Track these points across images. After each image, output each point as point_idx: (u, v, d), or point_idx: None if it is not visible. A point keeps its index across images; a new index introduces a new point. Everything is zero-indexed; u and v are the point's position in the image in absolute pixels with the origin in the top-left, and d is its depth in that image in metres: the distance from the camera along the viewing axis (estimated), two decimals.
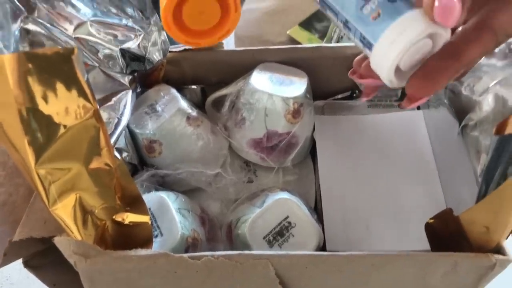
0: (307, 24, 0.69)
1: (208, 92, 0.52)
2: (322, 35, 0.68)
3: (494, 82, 0.41)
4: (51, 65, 0.30)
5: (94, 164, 0.34)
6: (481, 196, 0.34)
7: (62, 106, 0.31)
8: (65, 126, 0.32)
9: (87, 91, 0.32)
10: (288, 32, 0.69)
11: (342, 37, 0.66)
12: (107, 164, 0.35)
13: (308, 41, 0.67)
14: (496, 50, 0.41)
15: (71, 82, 0.31)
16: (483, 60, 0.43)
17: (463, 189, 0.43)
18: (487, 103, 0.41)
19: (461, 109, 0.45)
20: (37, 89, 0.30)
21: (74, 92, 0.31)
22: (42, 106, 0.31)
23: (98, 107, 0.32)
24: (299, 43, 0.67)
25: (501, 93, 0.40)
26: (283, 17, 0.70)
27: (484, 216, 0.34)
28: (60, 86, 0.31)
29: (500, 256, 0.35)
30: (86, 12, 0.45)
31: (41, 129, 0.31)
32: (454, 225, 0.36)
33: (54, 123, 0.31)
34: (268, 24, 0.69)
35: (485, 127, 0.41)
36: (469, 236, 0.35)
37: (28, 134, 0.31)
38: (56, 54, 0.30)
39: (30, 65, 0.30)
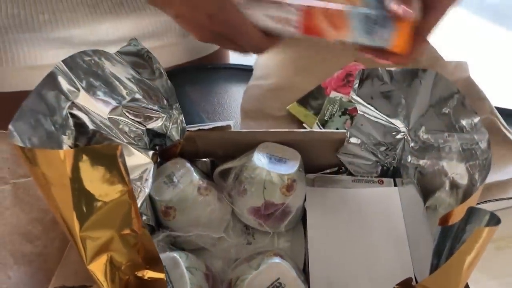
0: (303, 101, 0.79)
1: (217, 164, 0.61)
2: (317, 112, 0.77)
3: (451, 172, 0.50)
4: (100, 157, 0.39)
5: (125, 231, 0.43)
6: (433, 269, 0.42)
7: (105, 187, 0.40)
8: (105, 202, 0.41)
9: (125, 176, 0.41)
10: (287, 108, 0.78)
11: (333, 114, 0.76)
12: (134, 231, 0.44)
13: (304, 116, 0.77)
14: (453, 148, 0.50)
15: (113, 170, 0.40)
16: (444, 153, 0.52)
17: (428, 260, 0.51)
18: (444, 189, 0.50)
19: (426, 189, 0.54)
20: (86, 175, 0.39)
21: (115, 177, 0.40)
22: (89, 187, 0.40)
23: (132, 187, 0.41)
24: (297, 118, 0.77)
25: (456, 182, 0.49)
26: (283, 94, 0.80)
27: (436, 286, 0.42)
28: (105, 173, 0.40)
29: None
30: (118, 99, 0.55)
31: (86, 204, 0.40)
32: None
33: (97, 200, 0.40)
34: (270, 100, 0.79)
35: (441, 212, 0.49)
36: None
37: (76, 208, 0.40)
38: (104, 149, 0.39)
39: (83, 156, 0.39)
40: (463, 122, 0.49)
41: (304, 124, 0.76)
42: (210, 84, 0.86)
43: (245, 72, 0.87)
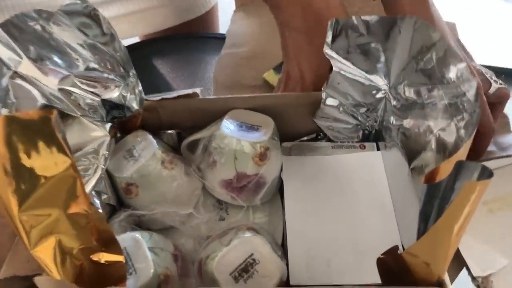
0: (280, 69, 0.74)
1: (184, 136, 0.56)
2: None
3: (437, 128, 0.45)
4: (33, 125, 0.34)
5: (72, 210, 0.38)
6: (420, 233, 0.38)
7: (43, 160, 0.35)
8: (45, 177, 0.36)
9: (65, 146, 0.35)
10: (263, 76, 0.73)
11: None
12: (84, 210, 0.39)
13: (275, 82, 0.72)
14: (438, 102, 0.45)
15: (51, 139, 0.35)
16: (428, 109, 0.47)
17: (415, 227, 0.47)
18: (431, 149, 0.45)
19: (410, 152, 0.49)
20: (21, 146, 0.34)
21: (53, 148, 0.35)
22: (25, 161, 0.35)
23: (74, 160, 0.36)
24: (273, 86, 0.72)
25: (442, 139, 0.45)
26: (258, 62, 0.75)
27: (424, 252, 0.37)
28: (41, 143, 0.35)
29: None
30: (69, 67, 0.50)
31: (24, 180, 0.35)
32: (400, 260, 0.40)
33: (36, 174, 0.35)
34: (245, 68, 0.74)
35: (430, 168, 0.45)
36: (412, 270, 0.39)
37: (12, 185, 0.35)
38: (37, 116, 0.34)
39: (14, 126, 0.34)
40: (448, 73, 0.44)
41: None
42: (180, 54, 0.81)
43: (216, 40, 0.82)
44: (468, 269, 0.51)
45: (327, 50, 0.49)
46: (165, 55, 0.80)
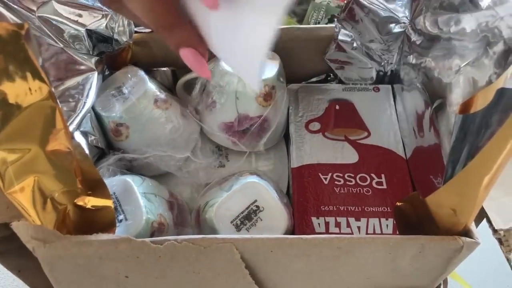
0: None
1: (180, 74, 0.51)
2: (301, 19, 0.66)
3: (465, 63, 0.40)
4: (1, 43, 0.29)
5: (51, 146, 0.33)
6: (448, 177, 0.34)
7: (16, 86, 0.30)
8: (19, 107, 0.31)
9: (40, 70, 0.30)
10: None
11: (319, 22, 0.65)
12: (65, 147, 0.34)
13: (286, 24, 0.66)
14: (468, 30, 0.40)
15: (23, 61, 0.30)
16: (455, 40, 0.42)
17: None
18: (458, 85, 0.40)
19: (434, 93, 0.44)
20: None
21: (26, 72, 0.30)
22: None
23: (52, 88, 0.31)
24: None
25: (471, 74, 0.40)
26: None
27: (451, 199, 0.33)
28: (12, 66, 0.29)
29: (467, 239, 0.34)
30: None
31: None
32: (422, 208, 0.35)
33: (8, 103, 0.30)
34: None
35: (455, 108, 0.40)
36: (436, 219, 0.35)
37: None
38: (6, 31, 0.29)
39: None
40: None
41: None
42: None
43: None
44: (489, 221, 0.47)
45: None
46: None
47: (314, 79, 0.53)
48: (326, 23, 0.66)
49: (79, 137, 0.43)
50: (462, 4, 0.41)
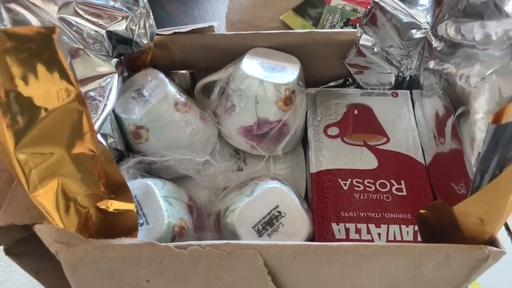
0: (300, 10, 0.67)
1: (198, 77, 0.50)
2: (316, 22, 0.66)
3: (490, 71, 0.40)
4: (32, 45, 0.28)
5: (77, 149, 0.33)
6: (476, 186, 0.33)
7: (43, 88, 0.30)
8: (46, 109, 0.30)
9: (70, 73, 0.30)
10: (281, 18, 0.67)
11: (334, 26, 0.65)
12: (90, 150, 0.34)
13: (301, 27, 0.66)
14: (494, 38, 0.40)
15: (53, 63, 0.29)
16: (479, 49, 0.42)
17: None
18: (483, 92, 0.40)
19: (456, 99, 0.44)
20: (17, 70, 0.29)
21: (55, 74, 0.30)
22: (22, 88, 0.29)
23: (81, 90, 0.31)
24: (292, 29, 0.66)
25: (497, 83, 0.39)
26: (276, 2, 0.68)
27: (479, 208, 0.33)
28: (41, 67, 0.29)
29: (494, 248, 0.34)
30: None
31: (21, 111, 0.30)
32: (447, 216, 0.35)
33: (35, 105, 0.30)
34: (261, 9, 0.68)
35: (480, 116, 0.40)
36: (462, 228, 0.35)
37: (7, 117, 0.29)
38: (37, 34, 0.28)
39: (8, 44, 0.28)
40: (507, 3, 0.38)
41: None
42: None
43: None
44: (507, 228, 0.47)
45: None
46: None
47: (332, 84, 0.53)
48: (342, 27, 0.66)
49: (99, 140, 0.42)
50: (487, 10, 0.40)
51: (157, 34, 0.48)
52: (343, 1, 0.67)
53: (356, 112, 0.50)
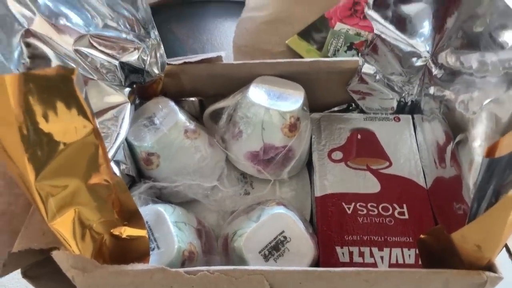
0: (305, 34, 0.69)
1: (206, 104, 0.52)
2: (320, 46, 0.68)
3: (488, 100, 0.41)
4: (52, 85, 0.31)
5: (93, 180, 0.35)
6: (473, 214, 0.35)
7: (62, 124, 0.32)
8: (64, 144, 0.32)
9: (87, 109, 0.32)
10: (286, 42, 0.69)
11: (338, 50, 0.67)
12: (105, 180, 0.35)
13: (306, 52, 0.68)
14: (490, 67, 0.41)
15: (71, 101, 0.31)
16: (477, 77, 0.43)
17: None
18: (481, 121, 0.41)
19: (455, 125, 0.45)
20: (38, 108, 0.31)
21: (73, 111, 0.32)
22: (42, 124, 0.31)
23: (97, 125, 0.33)
24: (298, 54, 0.68)
25: (494, 110, 0.41)
26: (281, 26, 0.70)
27: (476, 235, 0.34)
28: (60, 105, 0.31)
29: (491, 274, 0.35)
30: (86, 25, 0.46)
31: (41, 146, 0.32)
32: (446, 242, 0.37)
33: (54, 140, 0.32)
34: (267, 33, 0.70)
35: (478, 144, 0.41)
36: (461, 253, 0.36)
37: (28, 151, 0.31)
38: (56, 75, 0.31)
39: (31, 85, 0.30)
40: (502, 36, 0.40)
41: None
42: (198, 20, 0.76)
43: (236, 5, 0.77)
44: (508, 250, 0.48)
45: (368, 11, 0.45)
46: (182, 20, 0.75)
47: (335, 109, 0.55)
48: (345, 51, 0.68)
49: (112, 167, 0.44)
50: (483, 41, 0.42)
51: (167, 64, 0.50)
52: (346, 25, 0.69)
53: (359, 136, 0.52)
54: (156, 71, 0.48)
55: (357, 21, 0.70)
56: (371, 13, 0.45)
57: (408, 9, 0.45)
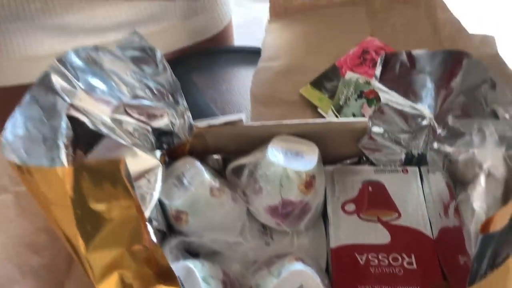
0: (317, 84, 0.74)
1: (229, 160, 0.57)
2: (332, 95, 0.73)
3: (487, 163, 0.45)
4: (102, 173, 0.36)
5: (135, 248, 0.40)
6: (473, 275, 0.39)
7: (109, 204, 0.37)
8: (111, 219, 0.37)
9: (131, 190, 0.37)
10: (300, 91, 0.74)
11: (349, 98, 0.71)
12: (145, 247, 0.40)
13: (319, 100, 0.72)
14: (488, 134, 0.46)
15: (117, 184, 0.36)
16: (476, 140, 0.47)
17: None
18: (479, 184, 0.45)
19: (458, 182, 0.49)
20: (89, 192, 0.36)
21: (120, 192, 0.37)
22: (93, 204, 0.36)
23: (139, 202, 0.38)
24: (311, 102, 0.72)
25: (494, 171, 0.45)
26: (295, 76, 0.75)
27: None
28: (108, 188, 0.36)
29: None
30: (121, 96, 0.51)
31: (91, 222, 0.37)
32: None
33: (102, 217, 0.37)
34: (281, 83, 0.75)
35: (479, 204, 0.45)
36: None
37: (80, 228, 0.37)
38: (107, 164, 0.36)
39: (85, 173, 0.35)
40: (500, 109, 0.44)
41: (318, 109, 0.71)
42: (217, 70, 0.82)
43: (253, 54, 0.82)
44: None
45: (375, 83, 0.50)
46: (202, 70, 0.81)
47: (347, 161, 0.59)
48: (356, 99, 0.72)
49: None
50: (480, 109, 0.46)
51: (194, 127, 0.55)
52: (356, 74, 0.74)
53: (370, 188, 0.56)
54: (184, 135, 0.54)
55: (367, 69, 0.75)
56: (378, 84, 0.50)
57: (410, 79, 0.50)
